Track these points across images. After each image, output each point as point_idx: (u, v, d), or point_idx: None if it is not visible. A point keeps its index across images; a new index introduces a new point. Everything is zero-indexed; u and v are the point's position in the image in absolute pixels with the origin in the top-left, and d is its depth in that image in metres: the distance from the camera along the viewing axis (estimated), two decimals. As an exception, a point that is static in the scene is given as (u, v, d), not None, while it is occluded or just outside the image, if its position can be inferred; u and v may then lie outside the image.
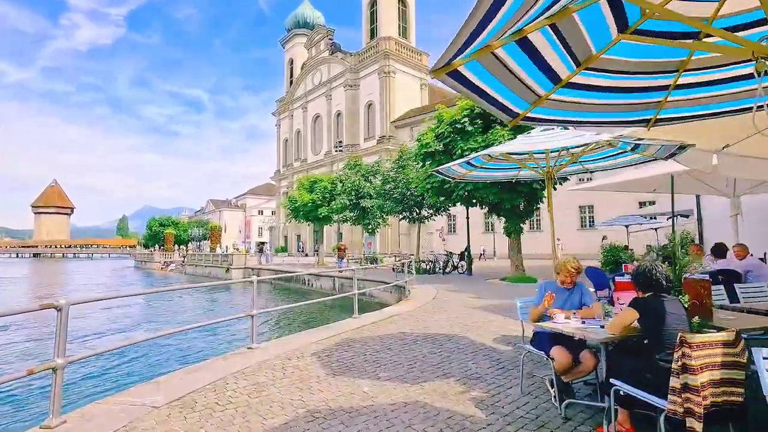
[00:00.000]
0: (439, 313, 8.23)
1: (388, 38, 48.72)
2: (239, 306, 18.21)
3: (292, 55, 66.76)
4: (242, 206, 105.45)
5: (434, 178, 14.05)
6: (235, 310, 16.08)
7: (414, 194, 19.80)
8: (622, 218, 17.26)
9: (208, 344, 10.75)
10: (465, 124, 12.94)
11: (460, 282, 14.83)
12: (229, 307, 18.55)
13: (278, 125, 67.58)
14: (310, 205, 27.86)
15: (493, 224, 37.62)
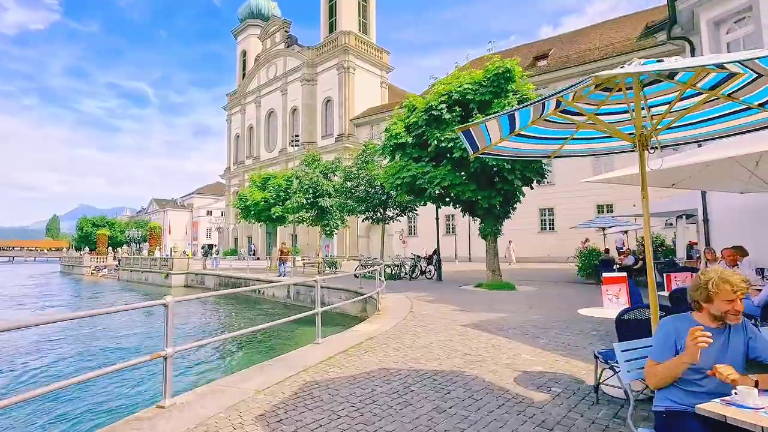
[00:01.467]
0: (424, 334, 6.57)
1: (348, 33, 46.93)
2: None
3: (245, 47, 63.16)
4: (189, 206, 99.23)
5: (405, 173, 12.45)
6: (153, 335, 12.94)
7: (379, 192, 18.13)
8: (599, 219, 16.53)
9: (105, 395, 7.47)
10: (442, 112, 11.45)
11: (431, 289, 13.32)
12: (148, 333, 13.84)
13: (229, 120, 63.62)
14: (263, 204, 25.43)
15: (454, 226, 36.78)
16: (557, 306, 9.02)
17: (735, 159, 5.98)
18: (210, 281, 25.37)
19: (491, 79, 11.31)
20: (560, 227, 33.15)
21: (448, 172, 11.76)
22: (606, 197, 31.33)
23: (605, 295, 4.03)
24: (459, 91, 11.57)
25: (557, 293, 11.62)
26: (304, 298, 16.89)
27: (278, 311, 16.81)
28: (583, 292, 11.94)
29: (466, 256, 35.83)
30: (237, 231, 60.00)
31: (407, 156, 12.98)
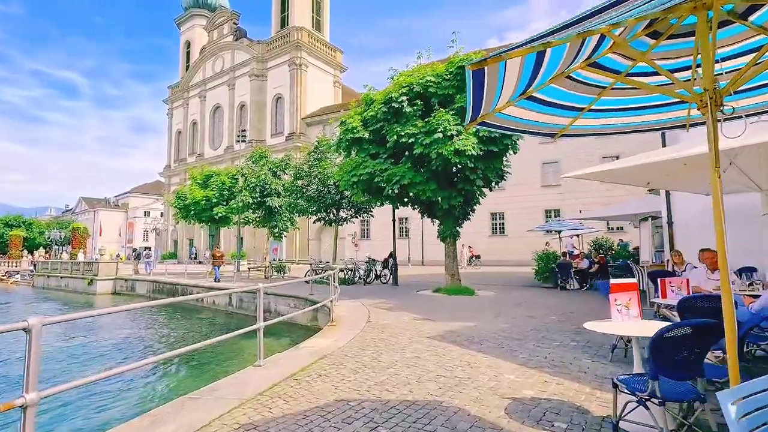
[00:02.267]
0: (387, 349, 5.67)
1: (301, 29, 45.38)
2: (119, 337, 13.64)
3: (189, 37, 59.38)
4: (124, 206, 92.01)
5: (361, 170, 11.54)
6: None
7: (332, 191, 17.06)
8: (555, 223, 16.52)
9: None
10: (402, 104, 10.67)
11: (388, 295, 12.47)
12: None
13: (170, 114, 59.41)
14: (204, 204, 23.39)
15: (408, 229, 36.37)
16: (524, 313, 8.48)
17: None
18: (142, 288, 22.89)
19: (454, 73, 10.71)
20: (510, 231, 33.77)
21: (407, 170, 11.01)
22: (553, 203, 32.32)
23: (613, 305, 3.33)
24: (421, 83, 10.86)
25: (518, 298, 11.20)
26: (248, 306, 15.42)
27: (219, 321, 15.23)
28: (543, 295, 11.63)
29: (419, 259, 35.52)
30: (177, 233, 56.02)
31: (364, 152, 12.09)
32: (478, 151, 10.37)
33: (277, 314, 14.09)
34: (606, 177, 6.37)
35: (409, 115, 10.86)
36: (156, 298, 21.46)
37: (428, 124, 10.53)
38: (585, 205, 29.24)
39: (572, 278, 13.20)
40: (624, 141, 29.61)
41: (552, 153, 32.22)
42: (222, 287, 16.98)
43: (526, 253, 31.24)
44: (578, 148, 31.41)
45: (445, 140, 10.15)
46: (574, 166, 31.68)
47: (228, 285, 16.96)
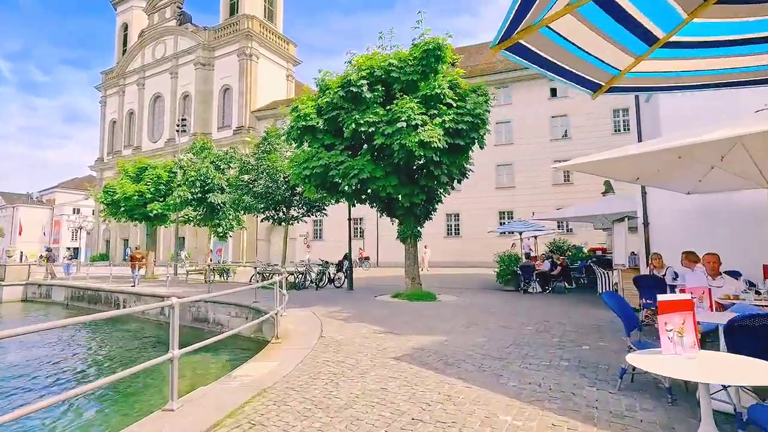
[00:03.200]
0: (344, 378, 4.52)
1: (252, 17, 42.96)
2: None
3: (127, 19, 54.61)
4: (50, 202, 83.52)
5: (315, 162, 10.27)
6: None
7: (282, 187, 15.58)
8: (516, 224, 16.09)
9: None
10: (362, 89, 9.55)
11: (343, 301, 11.29)
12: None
13: (103, 102, 54.33)
14: (136, 199, 20.92)
15: (363, 230, 35.28)
16: (497, 322, 7.65)
17: (704, 146, 4.99)
18: (59, 294, 20.03)
19: (419, 58, 9.75)
20: (466, 233, 33.68)
21: (367, 163, 9.90)
22: (507, 205, 32.55)
23: (663, 331, 2.42)
24: (383, 67, 9.80)
25: (484, 304, 10.44)
26: (182, 314, 13.54)
27: (147, 334, 13.26)
28: (508, 300, 10.96)
29: (374, 261, 34.52)
30: (110, 232, 51.30)
31: (318, 142, 10.83)
32: (444, 144, 9.48)
33: (215, 324, 12.47)
34: (596, 168, 5.64)
35: (369, 102, 9.76)
36: (75, 307, 18.80)
37: (390, 112, 9.49)
38: (537, 208, 29.61)
39: (534, 281, 12.71)
40: (577, 143, 30.42)
41: (506, 156, 32.49)
42: (139, 292, 14.99)
43: (482, 254, 31.30)
44: (530, 152, 31.91)
45: (409, 130, 9.16)
46: (528, 168, 32.14)
47: (149, 290, 14.93)
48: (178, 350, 3.85)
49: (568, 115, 31.55)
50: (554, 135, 31.91)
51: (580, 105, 31.04)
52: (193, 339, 11.50)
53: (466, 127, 9.73)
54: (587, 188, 29.19)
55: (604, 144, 29.88)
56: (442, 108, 9.75)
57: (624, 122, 29.85)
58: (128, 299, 15.85)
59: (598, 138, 29.83)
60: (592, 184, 29.36)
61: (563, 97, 31.78)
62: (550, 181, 31.41)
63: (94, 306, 17.66)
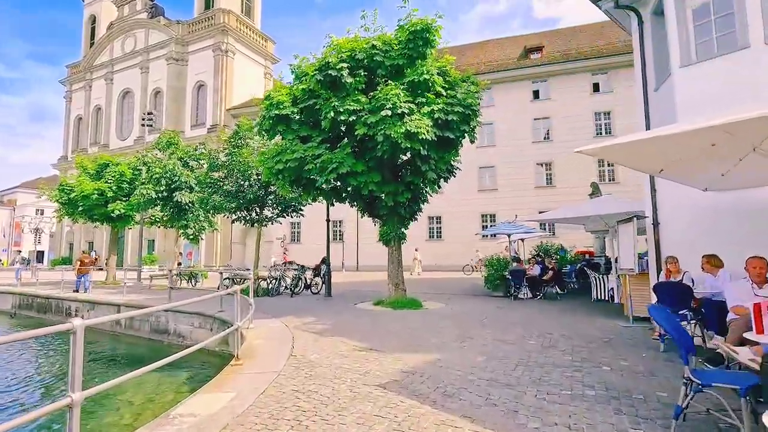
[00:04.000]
0: (317, 418, 3.49)
1: (228, 12, 41.42)
2: None
3: (95, 11, 52.11)
4: (11, 203, 79.05)
5: (289, 155, 9.21)
6: None
7: (254, 185, 14.39)
8: (505, 225, 15.33)
9: None
10: (342, 74, 8.55)
11: (320, 310, 10.22)
12: None
13: (68, 98, 51.58)
14: (96, 198, 19.28)
15: (342, 233, 34.14)
16: (493, 335, 6.75)
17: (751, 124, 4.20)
18: (5, 302, 18.18)
19: (406, 40, 8.83)
20: (447, 236, 33.01)
21: (347, 157, 8.89)
22: (489, 207, 32.03)
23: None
24: (365, 50, 8.83)
25: (474, 312, 9.56)
26: (141, 325, 12.19)
27: (102, 351, 11.78)
28: (500, 308, 10.11)
29: (354, 264, 33.45)
30: (74, 235, 48.53)
31: (292, 134, 9.76)
32: (433, 136, 8.57)
33: (176, 335, 11.19)
34: (623, 154, 4.82)
35: (350, 88, 8.77)
36: (22, 316, 17.03)
37: (374, 99, 8.53)
38: (521, 210, 29.17)
39: (525, 287, 11.94)
40: (558, 145, 30.16)
41: (488, 158, 32.00)
42: (93, 300, 13.53)
43: (465, 258, 30.63)
44: (513, 154, 31.51)
45: (394, 119, 8.22)
46: (510, 170, 31.73)
47: (104, 298, 13.43)
48: (80, 392, 2.74)
49: (550, 117, 31.32)
50: (536, 137, 31.62)
51: (562, 107, 30.89)
52: (149, 353, 10.16)
53: (456, 118, 8.86)
54: (570, 191, 28.95)
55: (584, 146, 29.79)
56: (431, 97, 8.86)
57: (606, 125, 29.82)
58: (81, 308, 14.30)
59: (580, 141, 29.69)
60: (575, 186, 29.19)
61: (546, 99, 31.59)
62: (533, 183, 31.09)
63: (43, 315, 15.97)
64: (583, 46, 32.65)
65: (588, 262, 15.04)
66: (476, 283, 16.85)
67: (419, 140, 8.37)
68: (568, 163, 29.60)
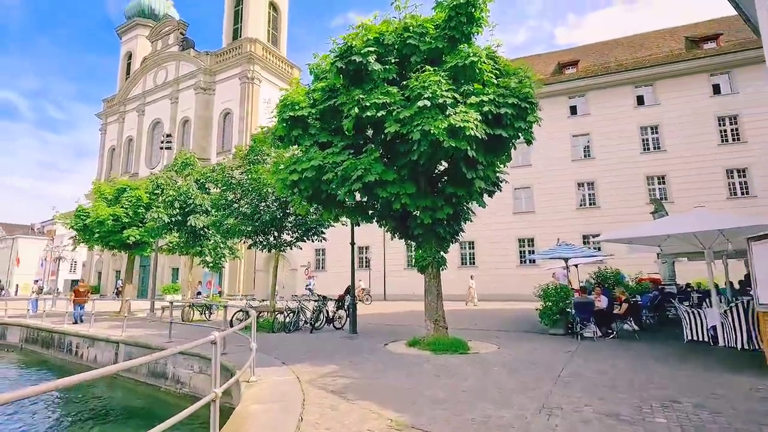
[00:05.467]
0: None
1: (254, 40, 41.88)
2: None
3: (131, 48, 54.28)
4: (50, 234, 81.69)
5: (305, 163, 7.60)
6: None
7: (271, 205, 12.90)
8: (563, 248, 13.13)
9: None
10: (368, 60, 6.98)
11: (343, 354, 8.32)
12: None
13: (103, 130, 53.15)
14: (112, 224, 18.33)
15: (369, 259, 32.30)
16: (589, 402, 4.68)
17: None
18: (14, 335, 17.16)
19: (446, 18, 7.23)
20: (481, 262, 30.57)
21: (374, 162, 7.20)
22: (526, 231, 29.56)
23: None
24: (396, 32, 7.28)
25: (540, 359, 7.44)
26: (138, 368, 10.58)
27: (93, 401, 10.18)
28: (572, 352, 7.92)
29: (381, 293, 31.39)
30: (102, 263, 48.81)
31: (310, 139, 8.20)
32: (482, 134, 6.78)
33: (174, 381, 9.48)
34: None
35: (377, 77, 7.17)
36: (28, 350, 15.85)
37: (407, 89, 6.87)
38: (563, 234, 26.65)
39: (593, 323, 9.68)
40: (601, 163, 27.78)
41: (523, 178, 29.78)
42: (92, 336, 12.05)
43: (503, 286, 28.08)
44: (550, 174, 29.26)
45: (433, 112, 6.51)
46: (548, 191, 29.37)
47: (103, 333, 11.89)
48: None
49: (590, 133, 29.04)
50: (576, 155, 29.30)
51: (603, 123, 28.67)
52: (146, 405, 8.27)
53: (510, 111, 7.07)
54: (618, 211, 26.33)
55: (632, 164, 27.24)
56: (477, 87, 7.13)
57: (654, 140, 27.26)
58: (81, 344, 12.90)
59: (625, 158, 27.24)
60: (621, 207, 26.55)
61: (584, 114, 29.44)
62: (574, 204, 28.50)
63: (46, 350, 14.71)
64: (622, 58, 30.64)
65: (661, 291, 12.59)
66: (524, 317, 14.55)
67: (465, 138, 6.59)
68: (613, 181, 27.14)
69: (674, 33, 31.84)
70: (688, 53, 27.89)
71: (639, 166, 27.05)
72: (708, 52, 26.76)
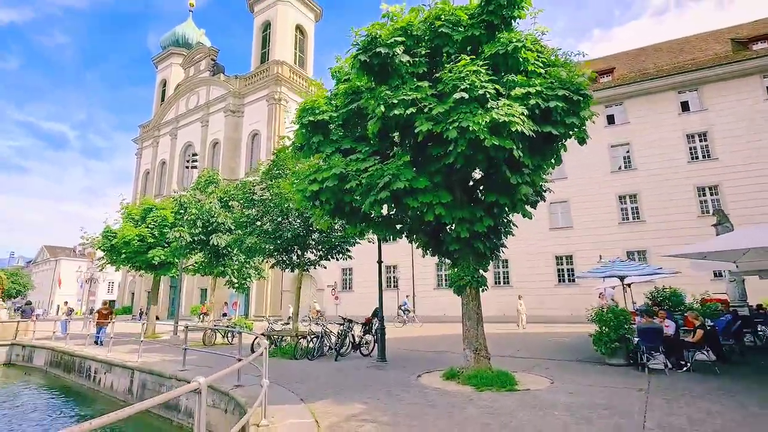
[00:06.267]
0: None
1: (281, 62, 42.58)
2: None
3: (166, 75, 56.56)
4: (91, 256, 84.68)
5: (325, 172, 6.80)
6: None
7: (294, 222, 12.18)
8: (616, 264, 11.73)
9: None
10: (395, 52, 6.17)
11: (371, 388, 7.28)
12: None
13: (139, 155, 55.10)
14: (137, 244, 18.15)
15: (397, 279, 31.16)
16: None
17: None
18: (40, 357, 16.98)
19: (482, 3, 6.37)
20: (516, 281, 28.84)
21: (404, 168, 6.30)
22: (563, 247, 27.75)
23: None
24: (426, 21, 6.47)
25: (606, 398, 6.17)
26: (149, 392, 9.86)
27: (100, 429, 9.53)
28: (644, 389, 6.59)
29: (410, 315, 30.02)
30: (135, 284, 49.69)
31: (331, 146, 7.42)
32: (530, 131, 5.79)
33: (186, 414, 8.66)
34: None
35: (405, 72, 6.34)
36: (52, 374, 15.54)
37: (440, 83, 6.00)
38: (605, 251, 24.79)
39: (661, 352, 8.26)
40: (643, 174, 25.94)
41: (559, 192, 28.08)
42: (109, 361, 11.45)
43: (537, 308, 26.24)
44: (588, 186, 27.53)
45: (472, 106, 5.59)
46: (586, 205, 27.59)
47: (119, 359, 11.27)
48: None
49: (630, 142, 27.28)
50: (615, 166, 27.53)
51: (644, 131, 26.91)
52: None
53: (561, 105, 6.05)
54: (664, 226, 24.32)
55: (678, 174, 25.24)
56: (521, 78, 6.18)
57: (703, 148, 25.22)
58: (99, 369, 12.38)
59: (671, 168, 25.27)
60: (670, 221, 24.50)
61: (623, 123, 27.75)
62: (616, 218, 26.55)
63: (67, 375, 14.31)
64: (661, 63, 28.98)
65: (734, 314, 10.92)
66: (571, 342, 13.05)
67: (510, 135, 5.62)
68: (658, 193, 25.22)
69: (718, 35, 30.00)
70: (736, 54, 26.01)
71: (687, 177, 25.00)
72: (760, 53, 24.80)
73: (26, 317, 20.92)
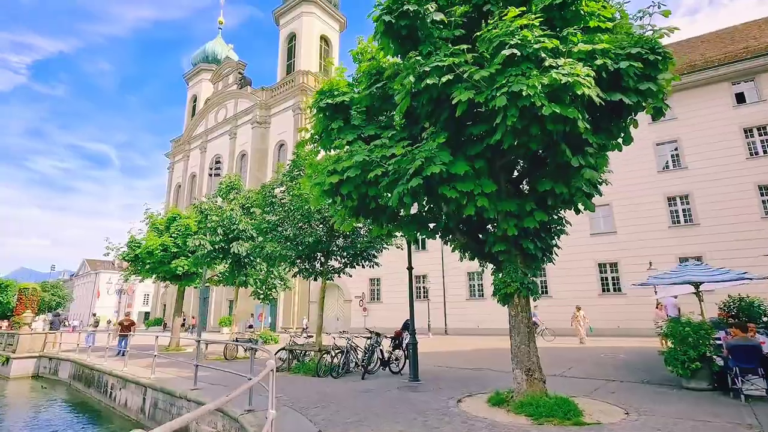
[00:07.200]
0: None
1: (307, 72, 42.57)
2: None
3: (196, 91, 57.95)
4: (124, 267, 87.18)
5: (346, 162, 5.79)
6: None
7: (316, 227, 11.25)
8: (690, 268, 10.15)
9: None
10: (428, 12, 5.11)
11: (402, 415, 6.12)
12: None
13: (171, 169, 56.36)
14: (159, 254, 17.75)
15: (427, 289, 29.75)
16: None
17: None
18: (65, 370, 16.69)
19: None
20: (555, 291, 26.88)
21: (439, 150, 5.22)
22: (607, 254, 25.66)
23: None
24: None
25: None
26: (163, 416, 9.01)
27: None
28: (755, 427, 5.14)
29: (442, 327, 28.61)
30: (167, 296, 50.31)
31: (352, 133, 6.44)
32: (596, 97, 4.59)
33: (196, 441, 7.73)
34: None
35: (438, 36, 5.29)
36: (74, 388, 15.14)
37: (483, 42, 4.90)
38: (655, 257, 22.70)
39: (761, 375, 6.71)
40: (696, 173, 23.71)
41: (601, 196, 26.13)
42: (124, 376, 10.73)
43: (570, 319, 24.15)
44: (632, 187, 25.39)
45: (524, 66, 4.47)
46: (630, 208, 25.46)
47: (132, 374, 10.53)
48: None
49: (678, 139, 25.12)
50: (661, 165, 25.39)
51: (694, 127, 24.73)
52: None
53: (636, 65, 4.83)
54: (722, 229, 22.04)
55: (736, 172, 22.90)
56: (580, 36, 5.02)
57: (764, 142, 22.83)
58: (115, 384, 11.74)
59: (727, 166, 22.94)
60: (729, 223, 22.18)
61: (671, 119, 25.57)
62: (666, 221, 24.33)
63: (87, 389, 13.81)
64: (710, 54, 26.75)
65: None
66: (632, 360, 11.41)
67: (574, 103, 4.44)
68: (714, 194, 22.96)
69: (772, 21, 27.52)
70: (797, 39, 23.65)
71: (746, 174, 22.62)
72: (826, 35, 22.40)
73: (54, 329, 20.90)
